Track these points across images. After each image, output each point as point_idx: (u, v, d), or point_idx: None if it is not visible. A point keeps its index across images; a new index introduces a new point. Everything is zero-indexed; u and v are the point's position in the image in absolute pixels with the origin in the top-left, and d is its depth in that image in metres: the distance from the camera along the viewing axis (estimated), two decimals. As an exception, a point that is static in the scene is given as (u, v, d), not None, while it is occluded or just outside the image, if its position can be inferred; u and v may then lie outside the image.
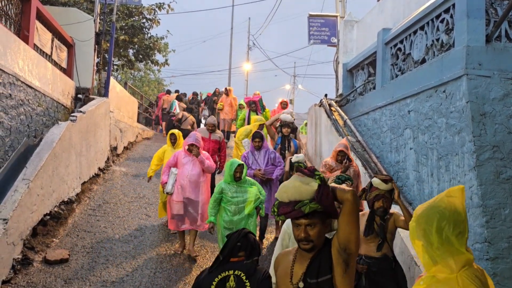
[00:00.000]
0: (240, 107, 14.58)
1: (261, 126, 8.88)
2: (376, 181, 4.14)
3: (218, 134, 8.54)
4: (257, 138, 7.19)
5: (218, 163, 8.36)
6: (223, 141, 8.63)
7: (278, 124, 8.36)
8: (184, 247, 6.78)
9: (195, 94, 18.79)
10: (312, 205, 2.21)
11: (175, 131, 7.77)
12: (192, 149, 6.51)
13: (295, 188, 2.25)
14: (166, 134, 15.50)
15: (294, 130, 8.28)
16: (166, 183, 6.53)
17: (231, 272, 2.99)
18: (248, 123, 10.74)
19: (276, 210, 2.34)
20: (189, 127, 12.24)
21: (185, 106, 15.89)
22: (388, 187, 4.09)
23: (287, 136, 7.98)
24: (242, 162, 5.98)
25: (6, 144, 6.57)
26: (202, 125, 18.42)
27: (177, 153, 6.71)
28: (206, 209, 6.24)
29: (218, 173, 8.65)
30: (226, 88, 15.49)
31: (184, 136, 7.83)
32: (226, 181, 5.90)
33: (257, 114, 10.75)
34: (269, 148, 7.41)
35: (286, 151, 7.81)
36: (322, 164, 6.30)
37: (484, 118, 5.24)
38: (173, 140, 7.69)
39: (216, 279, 2.97)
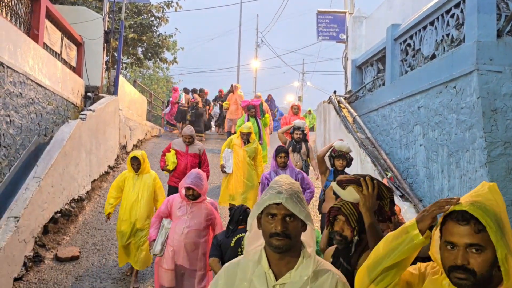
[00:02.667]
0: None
1: (246, 136, 7.61)
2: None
3: (197, 146, 7.30)
4: (282, 153, 6.12)
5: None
6: (204, 154, 7.34)
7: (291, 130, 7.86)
8: None
9: (201, 91, 17.01)
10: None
11: (138, 153, 5.85)
12: (189, 195, 4.57)
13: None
14: (180, 127, 15.56)
15: (305, 136, 7.85)
16: (154, 240, 4.70)
17: (243, 234, 4.05)
18: None
19: None
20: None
21: (190, 97, 15.95)
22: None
23: (299, 142, 7.62)
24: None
25: (17, 143, 6.63)
26: (212, 123, 18.26)
27: (172, 199, 4.75)
28: (208, 278, 4.63)
29: None
30: (232, 85, 14.39)
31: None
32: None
33: (256, 120, 9.58)
34: (294, 167, 6.37)
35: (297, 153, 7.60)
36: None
37: (495, 114, 5.18)
38: (136, 166, 5.83)
39: (234, 240, 4.09)
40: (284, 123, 11.72)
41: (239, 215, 4.21)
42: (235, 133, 11.43)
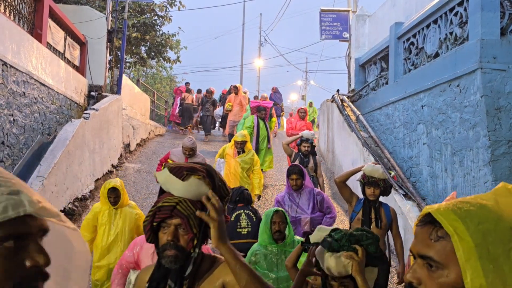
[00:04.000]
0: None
1: (241, 145, 6.98)
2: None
3: (198, 158, 6.58)
4: (293, 174, 5.03)
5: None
6: None
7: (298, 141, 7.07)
8: None
9: (208, 92, 15.78)
10: None
11: (117, 183, 4.68)
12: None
13: None
14: (185, 124, 15.41)
15: (313, 148, 6.97)
16: None
17: (241, 211, 4.85)
18: (258, 133, 8.94)
19: None
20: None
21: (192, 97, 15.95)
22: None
23: (307, 154, 6.76)
24: (281, 209, 3.85)
25: (21, 142, 6.65)
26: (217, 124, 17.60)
27: (140, 242, 3.40)
28: None
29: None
30: (234, 86, 13.57)
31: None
32: (262, 243, 3.75)
33: (264, 123, 9.03)
34: (313, 187, 5.30)
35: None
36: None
37: (499, 112, 5.16)
38: (114, 199, 4.65)
39: (234, 215, 4.79)
40: (289, 128, 10.56)
41: (236, 196, 4.94)
42: None
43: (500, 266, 0.87)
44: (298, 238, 3.84)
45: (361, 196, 4.48)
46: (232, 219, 4.73)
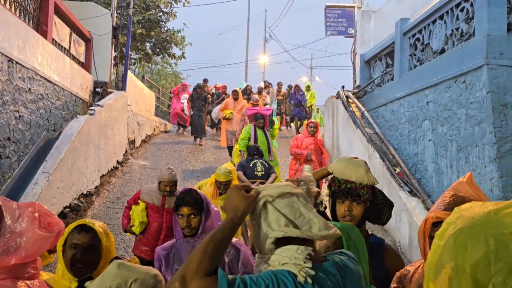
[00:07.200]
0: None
1: (224, 186, 5.21)
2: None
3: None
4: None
5: None
6: None
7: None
8: None
9: (199, 87, 13.57)
10: None
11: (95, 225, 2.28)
12: None
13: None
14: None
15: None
16: None
17: (257, 160, 6.52)
18: (255, 142, 7.77)
19: None
20: None
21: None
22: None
23: None
24: None
25: (26, 138, 6.68)
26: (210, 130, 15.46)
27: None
28: None
29: None
30: (234, 91, 11.50)
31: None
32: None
33: (264, 133, 8.05)
34: None
35: None
36: None
37: (505, 108, 5.13)
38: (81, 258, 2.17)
39: (251, 163, 6.46)
40: (294, 145, 7.82)
41: (253, 151, 6.69)
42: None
43: None
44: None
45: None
46: (250, 165, 6.46)
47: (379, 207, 2.27)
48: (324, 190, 8.03)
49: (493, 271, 0.85)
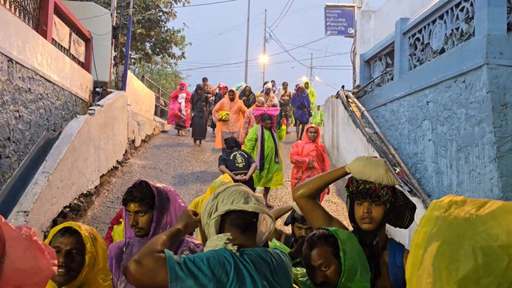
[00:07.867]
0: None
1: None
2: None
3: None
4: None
5: None
6: None
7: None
8: None
9: (199, 88, 13.18)
10: None
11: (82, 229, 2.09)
12: None
13: None
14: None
15: None
16: None
17: (236, 152, 6.89)
18: (262, 146, 7.70)
19: None
20: None
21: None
22: None
23: None
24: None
25: (26, 138, 6.68)
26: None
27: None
28: None
29: None
30: (230, 91, 11.08)
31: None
32: None
33: (272, 134, 7.90)
34: None
35: None
36: None
37: (505, 108, 5.13)
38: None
39: (231, 155, 6.84)
40: (294, 152, 7.25)
41: (232, 143, 7.12)
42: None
43: None
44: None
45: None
46: (231, 158, 6.80)
47: (400, 209, 2.15)
48: (325, 203, 7.66)
49: (482, 286, 0.81)
